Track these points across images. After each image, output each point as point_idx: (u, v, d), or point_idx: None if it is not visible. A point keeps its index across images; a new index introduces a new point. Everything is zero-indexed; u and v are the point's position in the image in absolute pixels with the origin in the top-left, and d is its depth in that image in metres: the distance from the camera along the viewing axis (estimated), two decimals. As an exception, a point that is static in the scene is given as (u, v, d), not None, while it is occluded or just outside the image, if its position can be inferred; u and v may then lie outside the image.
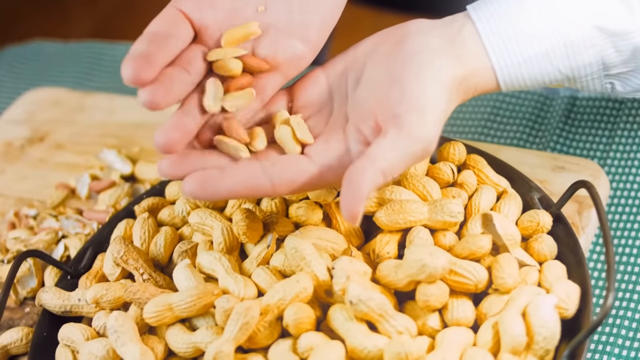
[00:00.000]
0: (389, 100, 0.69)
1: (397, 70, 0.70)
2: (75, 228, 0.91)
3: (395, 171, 0.67)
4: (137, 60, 0.68)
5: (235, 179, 0.69)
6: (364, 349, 0.69)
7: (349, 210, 0.65)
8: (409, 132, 0.68)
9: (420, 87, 0.69)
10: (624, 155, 0.94)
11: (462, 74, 0.71)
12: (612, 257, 0.70)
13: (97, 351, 0.73)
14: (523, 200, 0.80)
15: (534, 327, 0.69)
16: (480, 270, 0.72)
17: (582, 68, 0.73)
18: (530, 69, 0.73)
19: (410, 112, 0.68)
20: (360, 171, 0.66)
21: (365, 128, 0.71)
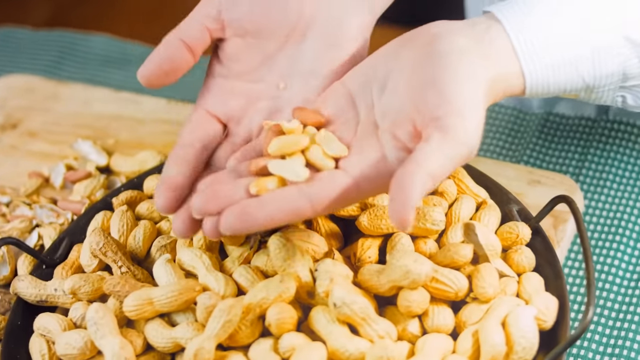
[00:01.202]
0: (426, 103, 0.68)
1: (430, 72, 0.69)
2: (49, 217, 0.90)
3: (443, 175, 0.66)
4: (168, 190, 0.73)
5: (273, 206, 0.68)
6: (345, 352, 0.69)
7: (399, 217, 0.63)
8: (453, 135, 0.66)
9: (457, 89, 0.67)
10: (597, 172, 0.96)
11: (492, 74, 0.70)
12: (592, 272, 0.71)
13: (75, 342, 0.73)
14: (502, 212, 0.81)
15: (514, 337, 0.70)
16: (461, 279, 0.73)
17: (605, 77, 0.73)
18: (557, 75, 0.72)
19: (451, 115, 0.66)
20: (409, 177, 0.64)
21: (402, 134, 0.69)
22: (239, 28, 0.77)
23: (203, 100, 0.78)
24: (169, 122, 1.02)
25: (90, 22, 1.98)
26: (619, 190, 0.94)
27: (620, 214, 0.92)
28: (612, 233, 0.91)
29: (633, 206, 0.93)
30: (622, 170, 0.96)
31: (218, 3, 0.77)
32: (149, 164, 0.94)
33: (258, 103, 0.77)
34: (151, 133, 1.01)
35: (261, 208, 0.67)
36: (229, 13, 0.77)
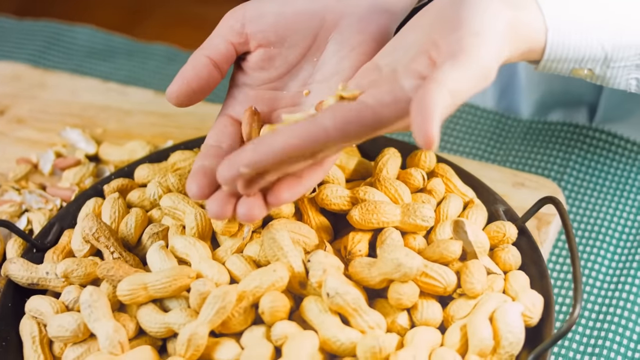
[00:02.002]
0: (441, 35, 0.67)
1: (449, 13, 0.68)
2: (38, 203, 0.91)
3: (462, 93, 0.65)
4: (199, 176, 0.72)
5: (286, 133, 0.66)
6: (336, 341, 0.71)
7: (423, 134, 0.62)
8: (469, 54, 0.65)
9: (473, 15, 0.67)
10: (578, 179, 0.98)
11: (514, 19, 0.69)
12: (578, 271, 0.73)
13: (68, 324, 0.73)
14: (488, 211, 0.83)
15: (501, 332, 0.71)
16: (450, 274, 0.75)
17: (623, 49, 0.72)
18: (578, 37, 0.71)
19: (465, 37, 0.66)
20: (429, 94, 0.63)
21: (418, 65, 0.68)
22: (263, 39, 0.78)
23: (228, 108, 0.79)
24: (156, 114, 1.03)
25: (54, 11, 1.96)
26: (599, 197, 0.97)
27: (601, 220, 0.94)
28: (592, 238, 0.93)
29: (613, 214, 0.95)
30: (602, 179, 0.98)
31: (242, 17, 0.78)
32: (138, 154, 0.95)
33: (282, 110, 0.78)
34: (139, 124, 1.02)
35: (275, 136, 0.67)
36: (253, 26, 0.78)
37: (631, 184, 0.98)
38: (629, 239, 0.93)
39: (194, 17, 2.14)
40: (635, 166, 0.99)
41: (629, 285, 0.88)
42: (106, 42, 1.21)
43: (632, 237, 0.93)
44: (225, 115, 0.79)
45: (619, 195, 0.97)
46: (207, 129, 0.96)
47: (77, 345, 0.74)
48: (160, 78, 1.15)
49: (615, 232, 0.93)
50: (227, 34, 0.78)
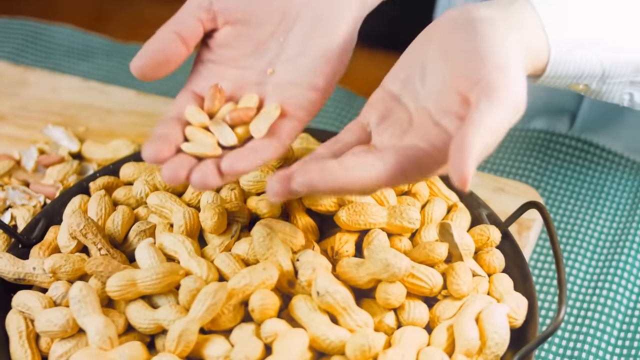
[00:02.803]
0: (467, 68, 0.68)
1: (463, 42, 0.69)
2: (21, 199, 0.90)
3: (499, 131, 0.66)
4: (157, 142, 0.73)
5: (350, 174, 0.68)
6: (326, 339, 0.71)
7: (459, 174, 0.64)
8: (498, 92, 0.66)
9: (494, 47, 0.68)
10: (555, 187, 1.00)
11: (523, 41, 0.71)
12: (563, 274, 0.75)
13: (57, 319, 0.73)
14: (471, 215, 0.84)
15: (487, 333, 0.73)
16: (437, 276, 0.76)
17: (620, 66, 0.75)
18: (578, 55, 0.73)
19: (491, 73, 0.67)
20: (467, 136, 0.64)
21: (452, 104, 0.69)
22: (230, 17, 0.78)
23: (192, 83, 0.79)
24: (138, 114, 1.03)
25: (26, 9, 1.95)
26: (576, 204, 0.99)
27: (578, 227, 0.96)
28: (570, 244, 0.94)
29: (590, 220, 0.97)
30: (579, 187, 1.00)
31: None
32: (122, 152, 0.95)
33: (245, 88, 0.78)
34: (121, 123, 1.02)
35: (340, 171, 0.68)
36: (221, 3, 0.78)
37: (607, 191, 1.00)
38: (606, 245, 0.94)
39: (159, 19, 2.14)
40: (610, 174, 1.01)
41: (606, 290, 0.90)
42: (84, 42, 1.21)
43: (609, 243, 0.95)
44: (188, 90, 0.79)
45: (595, 203, 0.99)
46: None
47: (65, 341, 0.74)
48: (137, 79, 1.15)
49: (592, 239, 0.95)
50: (195, 11, 0.78)
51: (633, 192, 0.99)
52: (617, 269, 0.91)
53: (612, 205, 0.98)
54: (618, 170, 1.01)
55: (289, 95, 0.77)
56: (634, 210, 0.97)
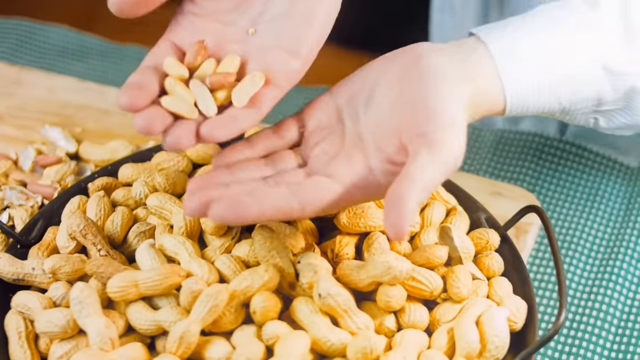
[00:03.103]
0: (413, 119, 0.70)
1: (415, 90, 0.72)
2: (19, 199, 0.90)
3: (435, 187, 0.69)
4: (132, 89, 0.72)
5: (266, 202, 0.70)
6: (327, 342, 0.71)
7: (397, 230, 0.66)
8: (441, 149, 0.69)
9: (442, 106, 0.70)
10: (549, 191, 1.00)
11: (474, 94, 0.73)
12: (563, 278, 0.75)
13: (57, 320, 0.73)
14: (470, 219, 0.84)
15: (488, 336, 0.73)
16: (437, 279, 0.76)
17: (580, 102, 0.77)
18: (537, 97, 0.76)
19: (437, 130, 0.69)
20: (404, 192, 0.66)
21: (388, 146, 0.72)
22: None
23: (171, 34, 0.78)
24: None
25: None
26: (571, 208, 0.99)
27: (572, 231, 0.97)
28: (565, 248, 0.95)
29: (584, 224, 0.97)
30: (574, 191, 1.00)
31: None
32: (120, 153, 0.95)
33: (226, 45, 0.77)
34: (118, 124, 1.02)
35: (254, 204, 0.69)
36: None
37: (601, 195, 1.00)
38: (600, 250, 0.95)
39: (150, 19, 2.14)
40: (604, 179, 1.02)
41: (601, 296, 0.90)
42: (79, 42, 1.21)
43: (604, 248, 0.95)
44: (167, 41, 0.77)
45: (590, 207, 0.99)
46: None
47: (65, 342, 0.74)
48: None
49: (587, 242, 0.96)
50: None
51: (627, 197, 1.00)
52: (612, 274, 0.92)
53: (607, 210, 0.99)
54: (612, 175, 1.02)
55: (272, 61, 0.76)
56: (627, 216, 0.97)
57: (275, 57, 0.76)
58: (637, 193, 0.99)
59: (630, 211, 0.98)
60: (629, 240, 0.94)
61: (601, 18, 0.76)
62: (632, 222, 0.96)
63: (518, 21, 0.77)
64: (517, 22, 0.77)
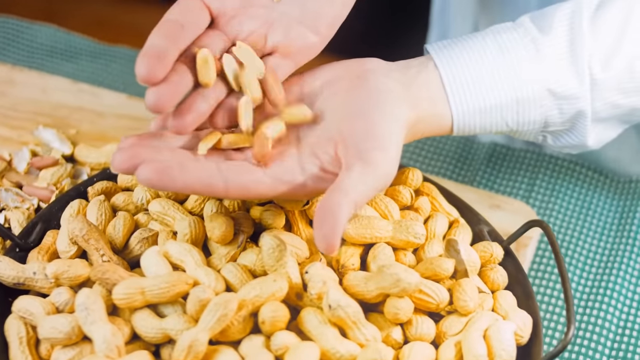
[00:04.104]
0: (352, 134, 0.72)
1: (359, 105, 0.74)
2: (14, 202, 0.89)
3: (364, 203, 0.71)
4: (151, 58, 0.70)
5: (192, 175, 0.70)
6: (336, 353, 0.71)
7: (328, 242, 0.67)
8: (376, 167, 0.71)
9: (384, 127, 0.72)
10: (543, 202, 1.01)
11: (415, 118, 0.76)
12: (569, 291, 0.75)
13: (62, 326, 0.72)
14: (472, 232, 0.84)
15: (495, 350, 0.73)
16: (444, 291, 0.76)
17: (527, 124, 0.79)
18: (483, 118, 0.78)
19: (376, 150, 0.71)
20: (336, 204, 0.68)
21: (323, 154, 0.73)
22: None
23: None
24: (129, 118, 1.02)
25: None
26: (564, 221, 1.00)
27: (567, 244, 0.97)
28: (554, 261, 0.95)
29: (578, 238, 0.98)
30: (567, 203, 1.01)
31: None
32: (116, 157, 0.94)
33: (251, 9, 0.78)
34: (113, 127, 1.01)
35: (181, 173, 0.70)
36: None
37: (594, 209, 1.01)
38: (594, 265, 0.96)
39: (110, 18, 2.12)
40: (597, 193, 1.02)
41: (597, 310, 0.91)
42: (67, 42, 1.20)
43: (597, 262, 0.96)
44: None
45: (583, 220, 1.00)
46: (182, 136, 0.95)
47: (68, 348, 0.73)
48: (124, 82, 1.14)
49: (581, 256, 0.96)
50: None
51: (619, 211, 1.01)
52: (607, 288, 0.92)
53: (599, 224, 1.00)
54: (604, 190, 1.03)
55: (295, 36, 0.77)
56: (621, 231, 0.98)
57: (297, 32, 0.77)
58: (629, 207, 1.00)
59: (624, 226, 0.98)
60: (623, 256, 0.95)
61: (550, 42, 0.78)
62: (626, 237, 0.97)
63: (468, 41, 0.79)
64: (467, 43, 0.79)
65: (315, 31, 0.78)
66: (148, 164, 0.68)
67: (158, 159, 0.70)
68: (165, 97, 0.70)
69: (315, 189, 0.73)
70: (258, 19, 0.78)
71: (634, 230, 0.97)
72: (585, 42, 0.77)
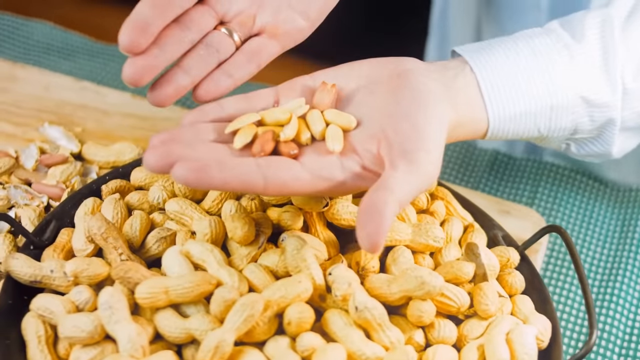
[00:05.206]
0: (397, 134, 0.71)
1: (403, 105, 0.73)
2: (24, 199, 0.88)
3: (407, 203, 0.70)
4: (135, 28, 0.72)
5: (231, 172, 0.68)
6: (362, 355, 0.71)
7: (372, 241, 0.66)
8: (420, 168, 0.70)
9: (428, 128, 0.72)
10: (546, 209, 1.02)
11: (455, 121, 0.75)
12: (590, 298, 0.76)
13: (84, 325, 0.71)
14: (487, 236, 0.85)
15: (518, 354, 0.73)
16: (465, 295, 0.76)
17: (557, 130, 0.79)
18: (517, 124, 0.78)
19: (421, 151, 0.70)
20: (382, 202, 0.67)
21: (364, 152, 0.72)
22: None
23: None
24: (135, 117, 1.01)
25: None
26: (567, 228, 1.00)
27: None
28: (565, 267, 0.96)
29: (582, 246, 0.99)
30: (569, 211, 1.02)
31: None
32: (126, 156, 0.93)
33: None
34: (119, 125, 1.00)
35: (220, 170, 0.68)
36: None
37: (595, 217, 1.02)
38: (599, 271, 0.96)
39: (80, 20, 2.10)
40: (598, 201, 1.03)
41: (604, 317, 0.91)
42: (64, 40, 1.18)
43: (602, 269, 0.97)
44: None
45: (586, 228, 1.01)
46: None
47: (90, 348, 0.72)
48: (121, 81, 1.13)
49: (585, 264, 0.97)
50: None
51: (621, 220, 1.01)
52: (612, 295, 0.93)
53: (602, 232, 1.00)
54: (604, 198, 1.04)
55: (283, 19, 0.80)
56: (623, 239, 0.99)
57: (286, 15, 0.80)
58: (630, 215, 1.01)
59: (626, 234, 0.99)
60: (627, 263, 0.96)
61: (583, 49, 0.78)
62: (629, 245, 0.98)
63: (501, 45, 0.79)
64: (500, 47, 0.78)
65: (304, 16, 0.80)
66: (184, 163, 0.67)
67: (193, 156, 0.69)
68: (143, 69, 0.72)
69: (353, 187, 0.72)
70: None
71: (637, 239, 0.98)
72: (618, 51, 0.78)
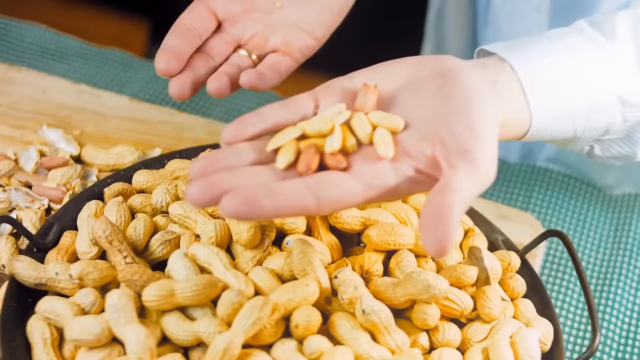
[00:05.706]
0: (452, 134, 0.68)
1: (454, 104, 0.70)
2: (24, 201, 0.87)
3: (469, 202, 0.67)
4: (168, 55, 0.82)
5: (282, 198, 0.65)
6: (369, 358, 0.71)
7: (441, 246, 0.63)
8: (480, 168, 0.68)
9: (482, 127, 0.69)
10: (541, 214, 1.02)
11: (502, 120, 0.73)
12: (593, 301, 0.77)
13: (92, 328, 0.71)
14: (487, 240, 0.85)
15: (522, 357, 0.74)
16: (468, 299, 0.77)
17: (591, 131, 0.78)
18: (556, 124, 0.76)
19: (479, 149, 0.68)
20: (447, 205, 0.64)
21: (417, 154, 0.69)
22: None
23: None
24: (132, 120, 1.01)
25: None
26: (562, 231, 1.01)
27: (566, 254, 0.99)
28: (561, 271, 0.97)
29: (577, 249, 1.00)
30: (564, 215, 1.03)
31: None
32: (126, 159, 0.93)
33: (254, 14, 0.87)
34: (117, 128, 1.00)
35: (270, 198, 0.65)
36: None
37: (589, 221, 1.03)
38: (594, 275, 0.97)
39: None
40: (591, 205, 1.04)
41: (600, 320, 0.92)
42: (57, 43, 1.18)
43: (597, 273, 0.98)
44: (201, 4, 0.86)
45: (580, 232, 1.02)
46: (185, 139, 0.96)
47: (97, 350, 0.72)
48: (118, 84, 1.13)
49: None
50: None
51: (614, 224, 1.02)
52: (607, 299, 0.94)
53: (596, 236, 1.01)
54: (598, 202, 1.05)
55: (293, 39, 0.86)
56: (617, 243, 1.00)
57: (295, 35, 0.87)
58: (623, 220, 1.02)
59: (620, 238, 1.00)
60: (621, 267, 0.97)
61: (617, 49, 0.77)
62: (623, 249, 0.99)
63: (536, 44, 0.77)
64: (536, 45, 0.76)
65: (312, 36, 0.87)
66: (232, 195, 0.64)
67: (238, 185, 0.66)
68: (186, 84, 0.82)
69: (405, 193, 0.69)
70: (260, 23, 0.86)
71: (630, 243, 1.00)
72: None
